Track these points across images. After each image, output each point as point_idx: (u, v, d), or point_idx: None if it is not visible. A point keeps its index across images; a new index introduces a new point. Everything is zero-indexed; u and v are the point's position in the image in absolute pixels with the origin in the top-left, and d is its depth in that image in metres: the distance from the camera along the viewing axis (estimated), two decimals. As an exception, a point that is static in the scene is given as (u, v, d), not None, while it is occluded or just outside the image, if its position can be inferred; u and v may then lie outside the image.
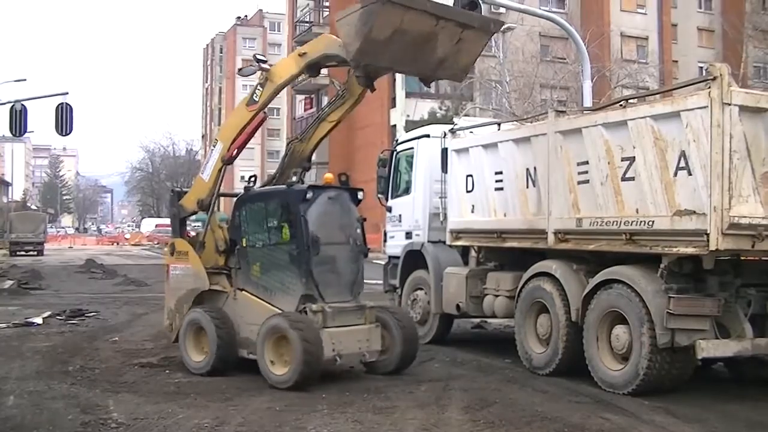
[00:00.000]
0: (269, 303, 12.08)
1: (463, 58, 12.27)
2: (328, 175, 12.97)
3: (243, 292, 12.48)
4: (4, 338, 16.21)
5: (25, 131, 30.67)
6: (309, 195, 11.94)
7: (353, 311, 12.19)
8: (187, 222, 14.34)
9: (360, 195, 12.69)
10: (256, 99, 12.70)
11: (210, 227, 13.28)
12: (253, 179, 13.03)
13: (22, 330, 17.48)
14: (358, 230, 12.60)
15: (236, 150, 13.04)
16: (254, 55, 13.32)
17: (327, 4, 65.26)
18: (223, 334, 12.17)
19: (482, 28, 12.22)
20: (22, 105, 29.24)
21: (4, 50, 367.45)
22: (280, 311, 11.82)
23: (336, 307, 11.88)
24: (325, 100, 63.58)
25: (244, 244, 12.52)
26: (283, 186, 12.62)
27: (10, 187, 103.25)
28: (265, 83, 12.64)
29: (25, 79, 47.71)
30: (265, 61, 12.69)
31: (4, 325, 18.06)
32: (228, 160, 12.95)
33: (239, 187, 14.20)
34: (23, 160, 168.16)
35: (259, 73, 12.72)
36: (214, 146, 13.28)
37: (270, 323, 11.61)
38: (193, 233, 14.28)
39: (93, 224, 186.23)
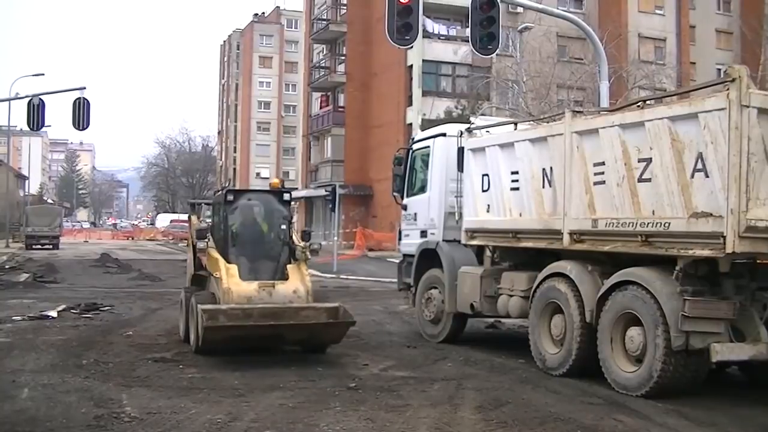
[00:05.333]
0: None
1: (327, 337, 13.85)
2: (275, 180, 16.55)
3: (214, 275, 14.30)
4: (19, 331, 16.31)
5: (43, 125, 30.69)
6: (229, 198, 14.74)
7: None
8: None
9: (286, 196, 15.18)
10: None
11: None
12: (228, 182, 15.01)
13: (37, 323, 17.59)
14: (283, 226, 14.79)
15: None
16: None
17: (345, 1, 65.13)
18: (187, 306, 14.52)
19: (330, 325, 13.53)
20: (40, 99, 29.31)
21: (23, 45, 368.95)
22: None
23: None
24: (342, 98, 63.91)
25: (216, 237, 14.91)
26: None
27: (26, 181, 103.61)
28: None
29: (43, 74, 48.29)
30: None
31: (19, 318, 18.17)
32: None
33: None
34: (40, 154, 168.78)
35: None
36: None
37: (192, 299, 14.07)
38: None
39: (107, 218, 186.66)
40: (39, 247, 58.82)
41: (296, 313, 13.38)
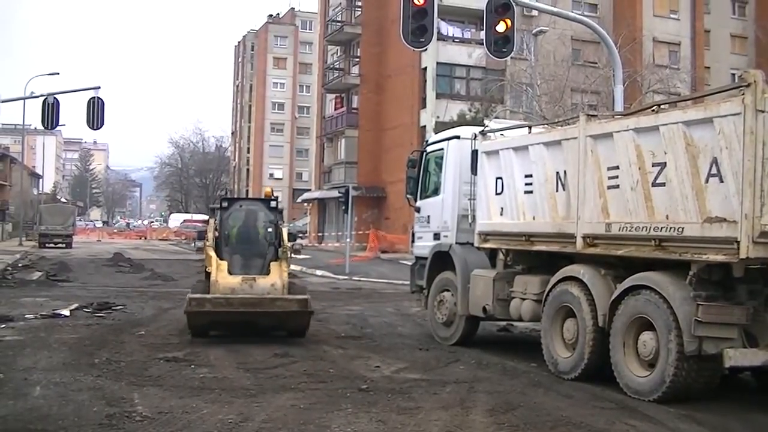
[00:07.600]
0: None
1: (297, 323, 15.68)
2: (267, 189, 19.75)
3: (207, 269, 16.06)
4: (31, 329, 16.37)
5: (57, 124, 30.75)
6: (224, 204, 17.46)
7: None
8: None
9: (273, 204, 17.44)
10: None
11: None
12: (225, 191, 16.55)
13: (50, 321, 17.66)
14: (270, 229, 17.04)
15: None
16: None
17: (359, 3, 65.16)
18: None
19: (295, 315, 15.47)
20: (55, 98, 29.36)
21: (37, 44, 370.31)
22: None
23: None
24: (356, 100, 63.89)
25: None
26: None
27: (40, 180, 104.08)
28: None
29: (58, 73, 48.26)
30: None
31: (32, 316, 18.23)
32: None
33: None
34: (54, 153, 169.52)
35: None
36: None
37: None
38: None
39: (120, 218, 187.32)
40: (52, 245, 59.05)
41: (271, 303, 15.35)
